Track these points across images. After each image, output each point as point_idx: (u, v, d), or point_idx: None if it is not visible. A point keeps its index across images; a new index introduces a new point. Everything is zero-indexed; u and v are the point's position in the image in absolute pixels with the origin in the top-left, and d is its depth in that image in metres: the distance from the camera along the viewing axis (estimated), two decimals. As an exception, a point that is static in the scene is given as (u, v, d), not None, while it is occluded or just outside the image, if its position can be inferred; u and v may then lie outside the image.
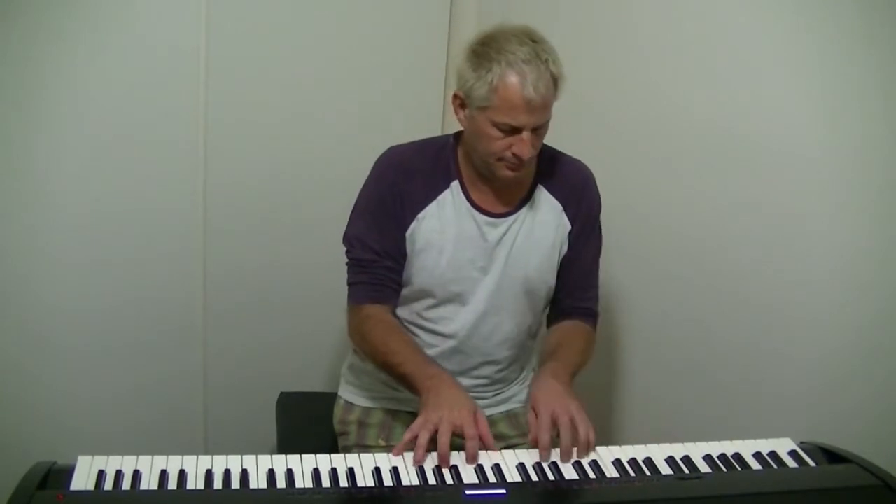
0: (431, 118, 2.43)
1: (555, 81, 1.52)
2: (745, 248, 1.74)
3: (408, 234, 1.66)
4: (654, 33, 1.92)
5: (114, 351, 2.18)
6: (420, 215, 1.65)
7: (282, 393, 2.09)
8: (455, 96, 1.60)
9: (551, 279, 1.73)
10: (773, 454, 1.41)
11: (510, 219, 1.68)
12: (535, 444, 1.42)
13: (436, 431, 1.38)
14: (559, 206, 1.71)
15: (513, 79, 1.49)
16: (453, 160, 1.68)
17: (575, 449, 1.40)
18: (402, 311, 1.73)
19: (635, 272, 2.03)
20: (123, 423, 2.19)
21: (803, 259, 1.63)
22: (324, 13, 2.26)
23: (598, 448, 1.41)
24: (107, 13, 2.00)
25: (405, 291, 1.70)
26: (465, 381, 1.73)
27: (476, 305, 1.69)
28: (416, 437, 1.38)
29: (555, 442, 1.42)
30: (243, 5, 2.17)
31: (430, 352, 1.71)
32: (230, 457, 1.30)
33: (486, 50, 1.52)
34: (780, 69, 1.63)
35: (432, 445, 1.38)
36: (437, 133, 2.26)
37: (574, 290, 1.75)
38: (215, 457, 1.30)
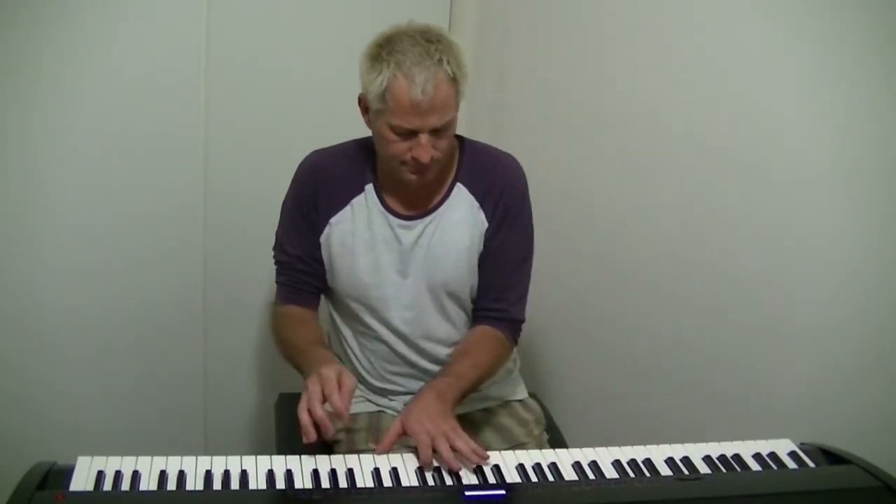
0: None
1: (453, 81, 1.47)
2: (747, 252, 1.73)
3: (322, 238, 1.64)
4: (661, 35, 1.90)
5: (114, 352, 2.18)
6: (333, 220, 1.63)
7: (281, 394, 2.09)
8: (359, 99, 1.56)
9: (473, 281, 1.68)
10: (772, 455, 1.40)
11: (424, 220, 1.63)
12: (380, 451, 1.39)
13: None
14: (476, 204, 1.65)
15: (401, 81, 1.44)
16: (370, 163, 1.65)
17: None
18: (342, 322, 1.73)
19: (636, 277, 2.03)
20: (123, 423, 2.18)
21: (804, 262, 1.62)
22: (324, 15, 2.26)
23: (597, 448, 1.41)
24: (107, 16, 2.00)
25: (336, 298, 1.69)
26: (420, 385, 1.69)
27: (403, 311, 1.66)
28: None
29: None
30: (244, 9, 2.17)
31: (375, 357, 1.70)
32: (229, 457, 1.30)
33: (379, 52, 1.49)
34: (780, 68, 1.63)
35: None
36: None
37: (488, 291, 1.68)
38: (215, 457, 1.30)
